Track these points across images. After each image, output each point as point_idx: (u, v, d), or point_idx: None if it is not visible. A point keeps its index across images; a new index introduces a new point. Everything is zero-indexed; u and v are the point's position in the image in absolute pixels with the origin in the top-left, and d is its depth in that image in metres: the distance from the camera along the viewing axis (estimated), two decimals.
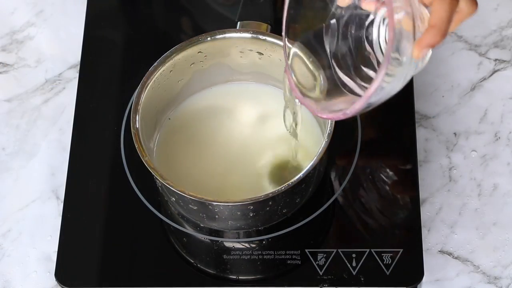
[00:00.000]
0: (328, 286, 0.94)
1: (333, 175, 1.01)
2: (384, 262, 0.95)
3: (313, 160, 0.90)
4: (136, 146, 0.92)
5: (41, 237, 1.03)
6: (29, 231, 1.03)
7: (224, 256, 0.97)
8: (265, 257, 0.96)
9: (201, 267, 0.97)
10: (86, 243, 0.98)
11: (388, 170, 1.01)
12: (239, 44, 0.98)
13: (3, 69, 1.14)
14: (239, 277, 0.97)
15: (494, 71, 1.10)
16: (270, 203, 0.92)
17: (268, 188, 0.97)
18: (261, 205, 0.92)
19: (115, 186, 1.01)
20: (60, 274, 0.96)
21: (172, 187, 0.90)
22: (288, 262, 0.96)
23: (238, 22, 1.01)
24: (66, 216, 0.99)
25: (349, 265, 0.95)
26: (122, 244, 0.98)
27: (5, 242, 1.03)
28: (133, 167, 1.01)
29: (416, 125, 1.04)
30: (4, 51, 1.15)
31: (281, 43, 0.96)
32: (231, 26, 1.00)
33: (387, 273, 0.94)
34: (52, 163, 1.07)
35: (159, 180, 0.91)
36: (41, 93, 1.12)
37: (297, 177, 0.90)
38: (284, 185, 0.89)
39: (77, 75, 1.09)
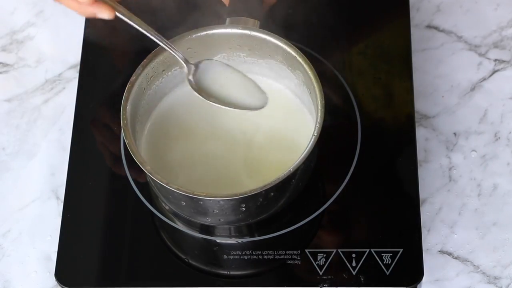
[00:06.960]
0: (328, 286, 0.94)
1: (333, 175, 1.01)
2: (384, 262, 0.95)
3: (309, 144, 0.90)
4: (134, 158, 0.90)
5: (41, 237, 1.03)
6: (29, 231, 1.03)
7: (224, 256, 0.97)
8: (265, 257, 0.96)
9: (202, 267, 0.97)
10: (86, 243, 0.98)
11: (388, 170, 1.01)
12: (228, 40, 0.98)
13: (3, 69, 1.14)
14: (239, 277, 0.97)
15: (494, 71, 1.10)
16: (271, 193, 0.91)
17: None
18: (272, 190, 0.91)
19: (115, 186, 1.01)
20: (60, 274, 0.96)
21: (185, 192, 0.89)
22: (288, 262, 0.96)
23: (227, 18, 1.00)
24: (66, 216, 0.99)
25: (349, 265, 0.95)
26: (122, 245, 0.98)
27: (5, 242, 1.03)
28: (133, 167, 1.01)
29: (416, 125, 1.04)
30: (4, 51, 1.15)
31: (271, 38, 0.96)
32: (220, 22, 1.00)
33: (387, 273, 0.94)
34: (52, 163, 1.07)
35: (158, 183, 0.90)
36: (41, 93, 1.12)
37: (295, 163, 0.89)
38: (281, 174, 0.88)
39: (77, 75, 1.09)
